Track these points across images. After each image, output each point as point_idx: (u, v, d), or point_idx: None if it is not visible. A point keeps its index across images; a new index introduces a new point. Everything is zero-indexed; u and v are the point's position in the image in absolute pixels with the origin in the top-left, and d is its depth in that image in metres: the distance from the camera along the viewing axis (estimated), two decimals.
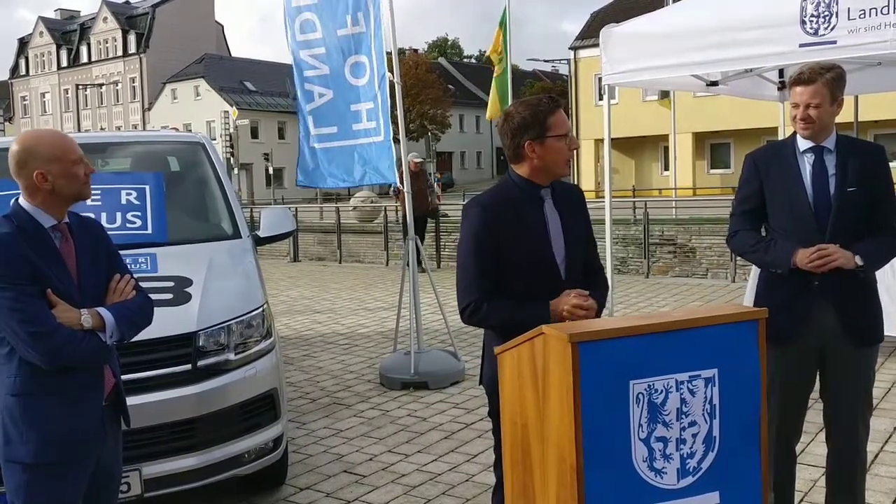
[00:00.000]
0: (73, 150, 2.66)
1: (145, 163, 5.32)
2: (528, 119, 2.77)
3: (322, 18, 7.00)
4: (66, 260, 2.64)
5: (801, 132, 3.24)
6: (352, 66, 6.90)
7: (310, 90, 7.19)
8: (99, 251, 2.79)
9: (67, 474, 2.63)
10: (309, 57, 7.12)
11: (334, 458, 5.10)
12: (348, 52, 6.91)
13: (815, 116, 3.17)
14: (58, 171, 2.60)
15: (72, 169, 2.63)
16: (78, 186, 2.67)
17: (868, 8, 4.91)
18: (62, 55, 69.13)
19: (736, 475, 2.37)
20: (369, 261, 16.86)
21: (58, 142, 2.66)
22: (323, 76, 7.10)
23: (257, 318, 4.15)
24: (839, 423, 3.36)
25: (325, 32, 7.00)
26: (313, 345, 8.59)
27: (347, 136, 7.05)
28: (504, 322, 2.76)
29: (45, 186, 2.60)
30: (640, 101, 33.67)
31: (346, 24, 6.86)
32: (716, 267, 12.34)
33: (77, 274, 2.67)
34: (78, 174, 2.65)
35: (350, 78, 6.93)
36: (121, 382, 2.83)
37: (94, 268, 2.74)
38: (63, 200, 2.66)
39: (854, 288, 3.20)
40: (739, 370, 2.35)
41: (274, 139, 58.05)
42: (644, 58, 6.19)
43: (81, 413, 2.63)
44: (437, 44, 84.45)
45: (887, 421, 5.27)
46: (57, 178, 2.61)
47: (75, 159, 2.65)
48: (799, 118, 3.19)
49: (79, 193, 2.69)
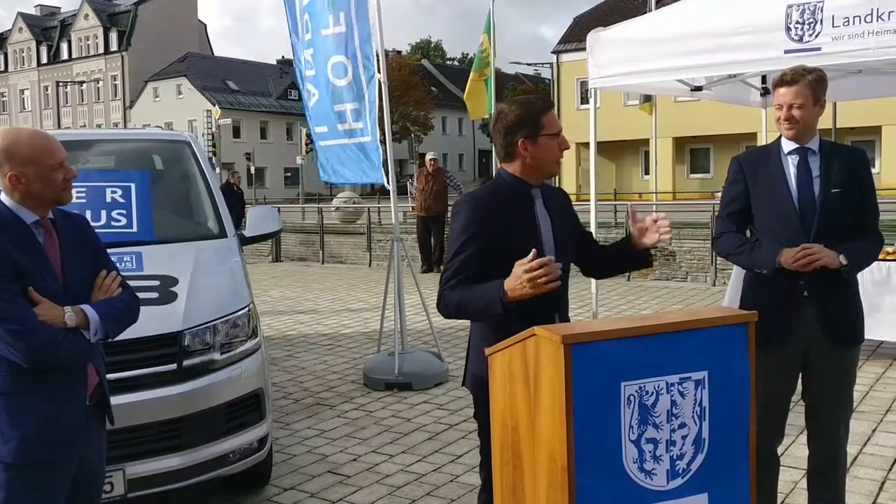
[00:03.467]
0: (52, 155, 2.56)
1: (131, 161, 5.29)
2: (522, 117, 2.79)
3: (312, 19, 7.03)
4: (50, 256, 2.59)
5: (785, 133, 3.29)
6: (332, 66, 6.90)
7: (308, 90, 7.31)
8: (85, 247, 2.74)
9: (50, 474, 2.59)
10: (307, 56, 7.19)
11: (318, 458, 5.09)
12: (330, 52, 6.91)
13: (798, 117, 3.21)
14: (33, 174, 2.52)
15: (49, 174, 2.54)
16: (54, 192, 2.58)
17: (852, 16, 4.97)
18: (42, 52, 68.50)
19: (725, 477, 2.39)
20: (352, 262, 16.82)
21: (37, 143, 2.56)
22: (314, 77, 7.17)
23: (243, 318, 4.13)
24: (822, 423, 3.40)
25: (313, 32, 7.04)
26: (296, 345, 8.56)
27: (336, 136, 7.11)
28: (459, 305, 2.70)
29: (20, 188, 2.53)
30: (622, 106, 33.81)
31: (329, 25, 6.85)
32: (696, 270, 12.42)
33: (62, 271, 2.62)
34: (55, 179, 2.56)
35: (332, 78, 6.95)
36: (105, 381, 2.79)
37: (79, 264, 2.68)
38: (41, 202, 2.59)
39: (838, 289, 3.26)
40: (729, 373, 2.37)
41: (256, 139, 57.85)
42: (630, 62, 6.22)
43: (65, 412, 2.59)
44: (419, 46, 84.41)
45: (866, 423, 5.33)
46: (32, 182, 2.53)
47: (53, 164, 2.55)
48: (783, 118, 3.24)
49: (56, 198, 2.61)
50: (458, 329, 8.62)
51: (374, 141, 6.81)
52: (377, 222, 17.51)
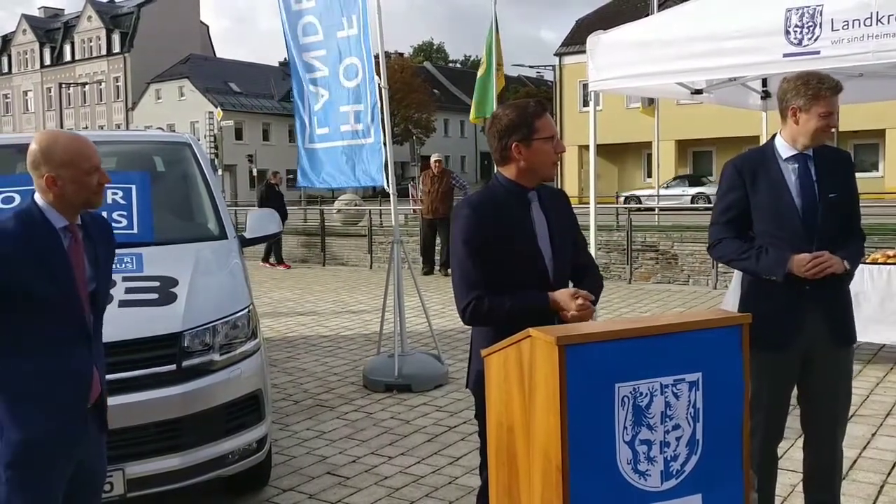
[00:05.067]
0: (89, 159, 2.61)
1: (132, 162, 5.31)
2: (516, 121, 2.81)
3: (322, 21, 7.08)
4: (74, 263, 2.61)
5: (825, 139, 3.30)
6: (345, 67, 6.95)
7: (314, 92, 7.26)
8: (110, 253, 2.81)
9: (46, 475, 2.60)
10: (312, 59, 7.19)
11: (317, 459, 5.10)
12: (345, 53, 6.96)
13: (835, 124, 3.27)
14: (69, 176, 2.56)
15: (84, 178, 2.59)
16: (87, 195, 2.62)
17: (851, 19, 4.98)
18: (45, 53, 68.64)
19: (718, 478, 2.40)
20: (353, 263, 16.83)
21: (74, 147, 2.61)
22: (324, 78, 7.17)
23: (243, 319, 4.14)
24: (819, 425, 3.43)
25: (325, 34, 7.07)
26: (297, 347, 8.57)
27: (335, 138, 7.11)
28: (508, 311, 2.75)
29: (55, 190, 2.57)
30: (624, 109, 33.87)
31: (343, 27, 6.92)
32: (697, 273, 12.42)
33: (92, 279, 2.66)
34: (89, 183, 2.60)
35: (343, 80, 6.98)
36: (105, 388, 2.79)
37: (108, 273, 2.76)
38: (73, 206, 2.62)
39: (838, 290, 3.33)
40: (723, 374, 2.38)
41: (258, 140, 57.87)
42: (630, 65, 6.24)
43: (64, 416, 2.60)
44: (422, 48, 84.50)
45: (865, 427, 5.34)
46: (67, 184, 2.56)
47: (89, 168, 2.60)
48: (829, 126, 3.24)
49: (87, 202, 2.65)
50: (458, 331, 8.63)
51: (377, 143, 6.83)
52: (378, 224, 17.51)
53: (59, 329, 2.59)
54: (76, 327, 2.62)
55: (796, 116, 3.25)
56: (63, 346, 2.60)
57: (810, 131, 3.23)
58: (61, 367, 2.59)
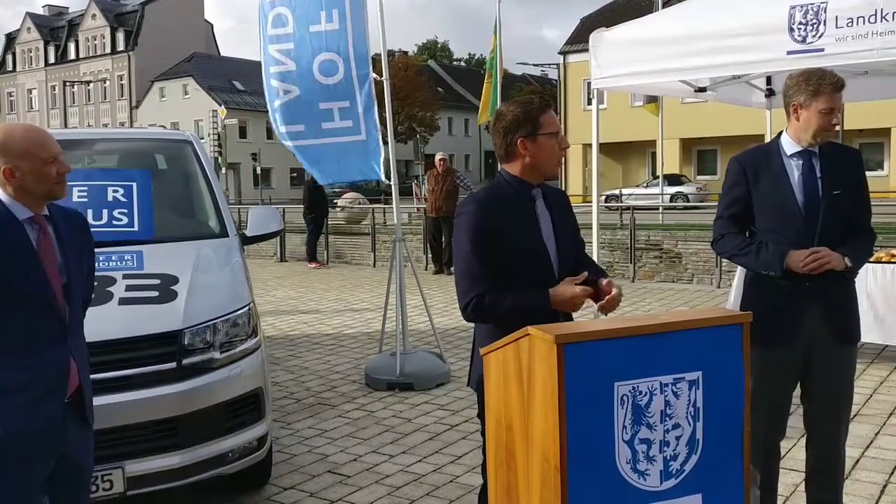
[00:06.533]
0: (47, 148, 2.57)
1: (133, 160, 5.30)
2: (521, 117, 2.80)
3: (295, 13, 6.80)
4: (43, 255, 2.58)
5: (830, 136, 3.28)
6: (320, 63, 6.72)
7: (275, 87, 6.95)
8: (84, 247, 2.75)
9: (24, 473, 2.56)
10: (276, 52, 6.89)
11: (319, 458, 5.09)
12: (318, 48, 6.72)
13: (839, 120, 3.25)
14: (27, 168, 2.53)
15: (42, 168, 2.55)
16: (48, 185, 2.58)
17: (856, 17, 4.96)
18: (50, 51, 68.79)
19: (718, 478, 2.38)
20: (356, 262, 16.83)
21: (31, 137, 2.58)
22: (289, 72, 6.87)
23: (243, 317, 4.13)
24: (823, 421, 3.41)
25: (296, 27, 6.80)
26: (299, 345, 8.57)
27: (318, 135, 6.87)
28: (508, 309, 2.74)
29: (14, 182, 2.54)
30: (629, 107, 33.80)
31: (320, 21, 6.69)
32: (701, 272, 12.39)
33: (63, 271, 2.61)
34: (49, 173, 2.56)
35: (318, 75, 6.74)
36: (87, 382, 2.73)
37: (78, 262, 2.69)
38: (34, 197, 2.59)
39: (841, 287, 3.30)
40: (723, 373, 2.36)
41: (262, 139, 57.80)
42: (633, 63, 6.22)
43: (39, 412, 2.55)
44: (426, 46, 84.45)
45: (869, 427, 5.31)
46: (26, 175, 2.53)
47: (47, 158, 2.56)
48: (833, 123, 3.22)
49: (49, 192, 2.61)
50: (460, 330, 8.62)
51: (372, 140, 6.76)
52: (382, 223, 17.50)
53: (33, 322, 2.54)
54: (50, 320, 2.58)
55: (798, 113, 3.25)
56: (36, 339, 2.55)
57: (812, 127, 3.22)
58: (35, 360, 2.55)
